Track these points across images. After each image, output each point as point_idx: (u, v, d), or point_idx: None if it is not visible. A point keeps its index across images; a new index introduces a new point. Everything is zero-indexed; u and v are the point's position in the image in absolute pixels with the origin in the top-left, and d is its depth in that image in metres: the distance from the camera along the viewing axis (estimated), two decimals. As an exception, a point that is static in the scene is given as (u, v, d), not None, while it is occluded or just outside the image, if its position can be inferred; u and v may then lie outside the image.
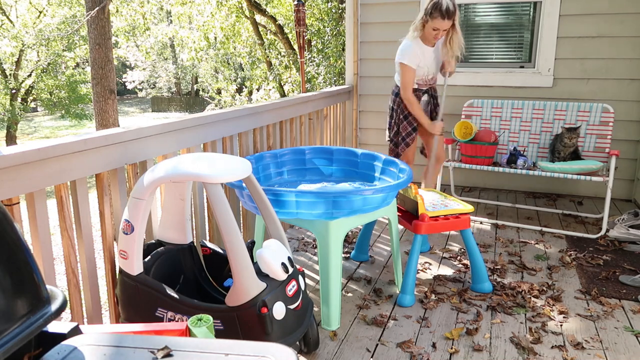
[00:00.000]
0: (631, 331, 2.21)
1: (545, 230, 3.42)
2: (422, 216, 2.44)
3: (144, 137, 2.08)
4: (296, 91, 11.06)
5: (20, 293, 0.87)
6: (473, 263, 2.56)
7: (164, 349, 0.90)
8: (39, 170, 1.64)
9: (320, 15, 9.52)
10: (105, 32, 7.41)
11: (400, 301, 2.46)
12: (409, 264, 2.44)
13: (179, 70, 25.60)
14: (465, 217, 2.50)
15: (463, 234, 2.55)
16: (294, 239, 3.35)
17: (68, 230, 1.81)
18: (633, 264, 2.87)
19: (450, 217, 2.49)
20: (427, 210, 2.47)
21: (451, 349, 2.09)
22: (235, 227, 1.68)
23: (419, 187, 3.12)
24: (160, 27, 16.72)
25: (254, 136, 2.97)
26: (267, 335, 1.69)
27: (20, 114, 16.49)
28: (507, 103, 3.88)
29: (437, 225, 2.48)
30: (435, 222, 2.46)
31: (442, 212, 2.48)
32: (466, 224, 2.52)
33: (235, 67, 20.09)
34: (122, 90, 27.56)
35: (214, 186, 1.67)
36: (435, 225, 2.47)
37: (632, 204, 3.99)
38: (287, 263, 1.81)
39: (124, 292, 1.87)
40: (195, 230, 2.47)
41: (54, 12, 16.26)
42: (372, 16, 4.45)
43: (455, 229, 2.52)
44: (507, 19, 4.21)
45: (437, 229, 2.49)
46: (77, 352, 0.91)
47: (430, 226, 2.46)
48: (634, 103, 3.91)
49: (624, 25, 3.81)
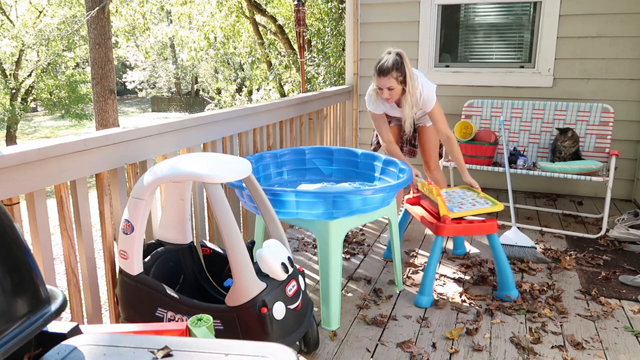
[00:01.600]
0: (631, 331, 2.21)
1: (545, 230, 3.42)
2: (443, 218, 2.37)
3: (144, 137, 2.08)
4: (296, 91, 11.06)
5: (20, 293, 0.87)
6: (500, 269, 2.45)
7: (164, 349, 0.90)
8: (39, 170, 1.64)
9: (320, 15, 9.52)
10: (105, 32, 7.41)
11: (417, 302, 2.43)
12: (428, 265, 2.40)
13: (179, 70, 25.60)
14: (492, 221, 2.41)
15: (490, 239, 2.45)
16: (294, 239, 3.35)
17: (68, 230, 1.81)
18: (633, 264, 2.87)
19: (475, 220, 2.40)
20: (449, 212, 2.39)
21: (451, 349, 2.09)
22: (235, 227, 1.68)
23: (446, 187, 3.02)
24: (160, 27, 16.71)
25: (254, 136, 2.97)
26: (267, 335, 1.69)
27: (20, 114, 16.50)
28: (507, 103, 3.88)
29: (460, 229, 2.38)
30: (457, 225, 2.37)
31: (466, 213, 2.40)
32: (493, 229, 2.40)
33: (235, 67, 20.10)
34: (122, 90, 27.56)
35: (214, 186, 1.67)
36: (458, 228, 2.38)
37: (632, 204, 3.99)
38: (287, 263, 1.81)
39: (123, 292, 1.87)
40: (195, 230, 2.47)
41: (54, 12, 16.27)
42: (372, 16, 4.45)
43: (481, 233, 2.42)
44: (507, 19, 4.21)
45: (460, 232, 2.40)
46: (77, 352, 0.91)
47: (452, 228, 2.37)
48: (634, 103, 3.91)
49: (624, 25, 3.81)
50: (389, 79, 2.66)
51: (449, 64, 4.38)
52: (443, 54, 4.42)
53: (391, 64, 2.64)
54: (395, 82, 2.66)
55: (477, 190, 2.74)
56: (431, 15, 4.26)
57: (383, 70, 2.66)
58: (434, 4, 4.25)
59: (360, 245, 3.23)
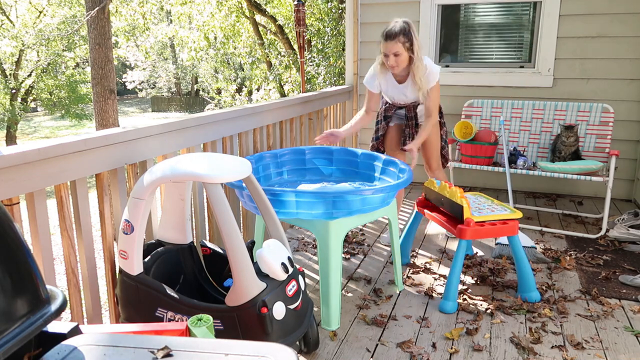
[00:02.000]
0: (631, 331, 2.21)
1: (545, 230, 3.42)
2: (467, 221, 2.35)
3: (144, 137, 2.08)
4: (296, 91, 11.06)
5: (20, 293, 0.87)
6: (520, 271, 2.45)
7: (164, 349, 0.90)
8: (39, 170, 1.64)
9: (320, 15, 9.51)
10: (105, 32, 7.41)
11: (442, 307, 2.39)
12: (452, 269, 2.37)
13: (179, 70, 25.60)
14: (513, 223, 2.40)
15: (510, 241, 2.45)
16: (294, 239, 3.35)
17: (68, 230, 1.81)
18: (633, 264, 2.87)
19: (497, 222, 2.39)
20: (472, 215, 2.38)
21: (451, 349, 2.09)
22: (235, 227, 1.68)
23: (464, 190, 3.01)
24: (160, 27, 16.72)
25: (254, 136, 2.97)
26: (267, 335, 1.69)
27: (20, 114, 16.50)
28: (507, 103, 3.88)
29: (483, 231, 2.38)
30: (481, 228, 2.37)
31: (489, 217, 2.39)
32: (514, 230, 2.41)
33: (235, 67, 20.10)
34: (122, 90, 27.56)
35: (214, 186, 1.67)
36: (481, 231, 2.37)
37: (632, 204, 3.99)
38: (287, 263, 1.81)
39: (123, 292, 1.87)
40: (195, 230, 2.47)
41: (54, 12, 16.27)
42: (372, 16, 4.45)
43: (502, 235, 2.41)
44: (507, 19, 4.21)
45: (483, 235, 2.40)
46: (77, 352, 0.91)
47: (475, 231, 2.36)
48: (634, 103, 3.91)
49: (624, 25, 3.81)
50: (396, 43, 2.65)
51: (449, 64, 4.39)
52: (443, 54, 4.42)
53: (398, 29, 2.66)
54: (402, 48, 2.66)
55: (481, 193, 2.75)
56: (431, 15, 4.26)
57: (390, 35, 2.66)
58: (434, 4, 4.25)
59: (360, 245, 3.23)
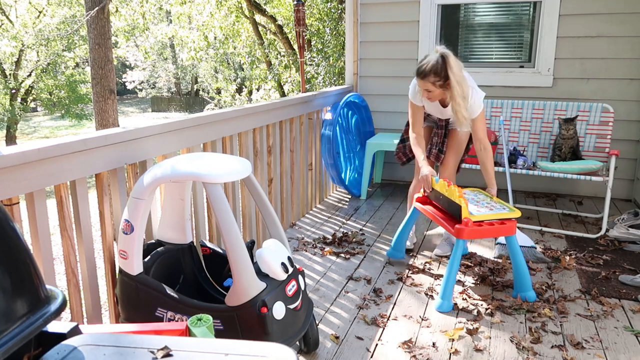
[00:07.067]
0: (631, 331, 2.21)
1: (545, 230, 3.42)
2: (465, 221, 2.34)
3: (144, 137, 2.08)
4: (296, 91, 11.06)
5: (19, 293, 0.87)
6: (517, 270, 2.45)
7: (164, 349, 0.89)
8: (39, 170, 1.64)
9: (320, 15, 9.51)
10: (105, 32, 7.40)
11: (438, 307, 2.39)
12: (449, 269, 2.37)
13: (179, 70, 25.58)
14: (511, 223, 2.39)
15: (507, 241, 2.44)
16: (294, 239, 3.35)
17: (68, 230, 1.81)
18: (633, 264, 2.87)
19: (495, 222, 2.38)
20: (470, 215, 2.36)
21: (451, 349, 2.09)
22: (235, 227, 1.68)
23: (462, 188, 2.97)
24: (160, 27, 16.70)
25: (254, 136, 2.97)
26: (267, 335, 1.69)
27: (20, 114, 16.50)
28: (507, 103, 3.88)
29: (481, 231, 2.36)
30: (478, 228, 2.35)
31: (487, 217, 2.38)
32: (511, 231, 2.40)
33: (234, 67, 20.08)
34: (122, 90, 27.54)
35: (214, 186, 1.67)
36: (479, 231, 2.36)
37: (632, 204, 3.99)
38: (287, 263, 1.81)
39: (123, 292, 1.87)
40: (195, 230, 2.47)
41: (54, 12, 16.25)
42: (372, 16, 4.44)
43: (500, 235, 2.41)
44: (507, 19, 4.21)
45: (481, 235, 2.39)
46: (77, 352, 0.90)
47: (473, 231, 2.35)
48: (634, 103, 3.91)
49: (624, 25, 3.81)
50: (426, 83, 2.56)
51: (449, 64, 4.38)
52: (443, 53, 4.42)
53: (429, 68, 2.52)
54: (433, 87, 2.56)
55: (490, 194, 2.71)
56: (431, 15, 4.26)
57: (420, 73, 2.57)
58: (433, 4, 4.25)
59: (360, 245, 3.23)
